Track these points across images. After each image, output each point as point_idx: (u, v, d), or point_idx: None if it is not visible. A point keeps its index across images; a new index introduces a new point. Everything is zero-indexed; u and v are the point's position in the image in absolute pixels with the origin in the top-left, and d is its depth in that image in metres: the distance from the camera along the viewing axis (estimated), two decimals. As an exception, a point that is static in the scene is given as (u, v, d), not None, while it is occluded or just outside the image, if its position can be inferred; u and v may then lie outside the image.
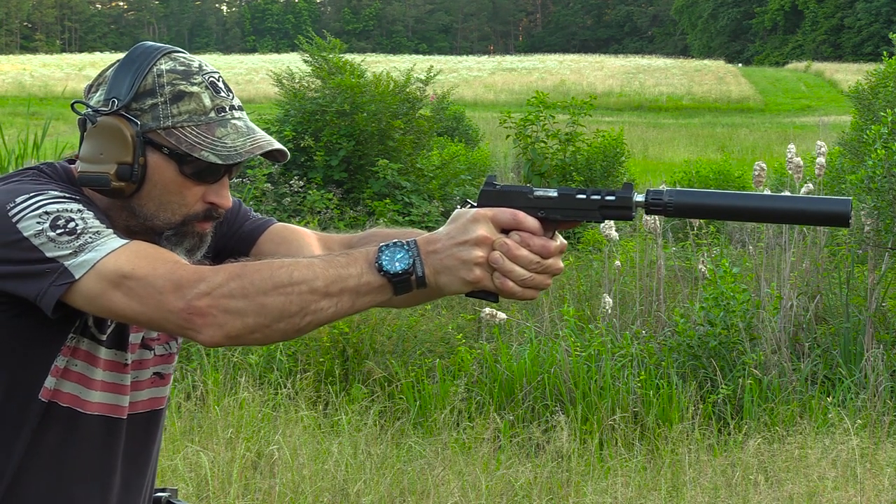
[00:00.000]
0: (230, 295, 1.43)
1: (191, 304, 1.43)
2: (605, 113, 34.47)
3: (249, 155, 1.61)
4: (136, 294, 1.46)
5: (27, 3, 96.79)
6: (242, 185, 10.31)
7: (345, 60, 12.00)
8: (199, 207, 1.64)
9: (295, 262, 1.46)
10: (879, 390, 5.66)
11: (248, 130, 1.64)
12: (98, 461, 1.67)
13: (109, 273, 1.47)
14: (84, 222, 1.50)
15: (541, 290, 1.48)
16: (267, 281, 1.43)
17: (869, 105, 10.78)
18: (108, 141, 1.58)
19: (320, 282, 1.44)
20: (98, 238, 1.49)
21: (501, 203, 1.49)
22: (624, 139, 12.59)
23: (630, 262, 7.62)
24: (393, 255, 1.45)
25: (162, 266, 1.47)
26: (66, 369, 1.61)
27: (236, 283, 1.43)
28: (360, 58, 13.42)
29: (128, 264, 1.47)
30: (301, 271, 1.44)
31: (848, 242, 7.03)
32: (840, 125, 19.64)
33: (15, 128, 13.42)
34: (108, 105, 1.59)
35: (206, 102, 1.61)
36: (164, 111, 1.60)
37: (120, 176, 1.58)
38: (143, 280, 1.46)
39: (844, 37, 70.90)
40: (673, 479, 4.75)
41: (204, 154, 1.59)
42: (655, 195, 1.47)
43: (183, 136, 1.59)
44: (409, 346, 6.21)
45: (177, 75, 1.61)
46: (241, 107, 1.66)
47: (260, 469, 4.64)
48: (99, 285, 1.47)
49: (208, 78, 1.64)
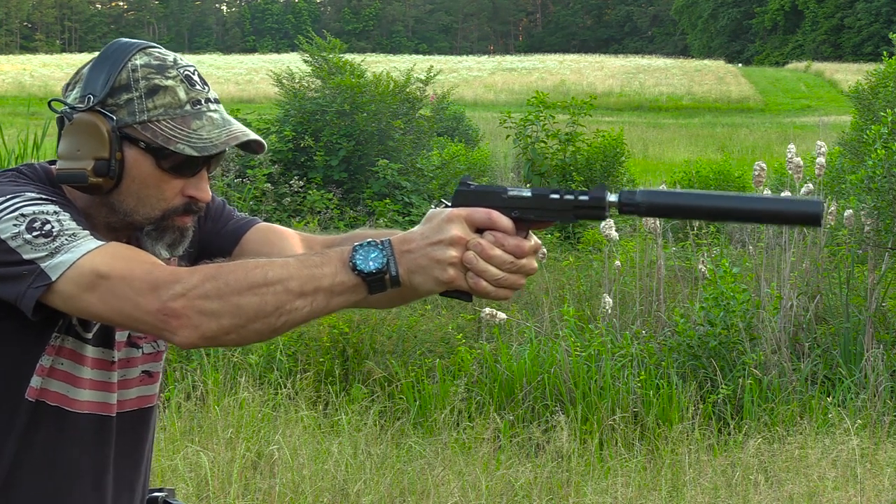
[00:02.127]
0: (205, 296, 1.43)
1: (166, 306, 1.43)
2: (605, 113, 34.46)
3: (225, 146, 1.61)
4: (112, 295, 1.46)
5: (27, 3, 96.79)
6: (242, 185, 10.31)
7: (345, 60, 12.00)
8: (179, 201, 1.64)
9: (270, 263, 1.46)
10: (879, 390, 5.66)
11: (224, 122, 1.64)
12: (90, 460, 1.67)
13: (86, 274, 1.47)
14: (60, 224, 1.51)
15: (514, 290, 1.48)
16: (242, 281, 1.43)
17: (869, 105, 10.79)
18: (84, 137, 1.59)
19: (295, 282, 1.44)
20: (74, 240, 1.49)
21: (476, 203, 1.49)
22: (624, 139, 12.59)
23: (630, 262, 7.62)
24: (367, 255, 1.45)
25: (138, 267, 1.47)
26: (51, 368, 1.62)
27: (211, 285, 1.43)
28: (360, 58, 13.43)
29: (104, 265, 1.47)
30: (276, 271, 1.44)
31: (848, 242, 7.03)
32: (840, 125, 19.64)
33: (15, 128, 13.42)
34: (84, 101, 1.60)
35: (182, 95, 1.61)
36: (139, 105, 1.60)
37: (97, 172, 1.58)
38: (119, 281, 1.46)
39: (844, 37, 70.88)
40: (673, 479, 4.75)
41: (180, 147, 1.59)
42: (628, 195, 1.47)
43: (159, 129, 1.59)
44: (409, 346, 6.21)
45: (151, 69, 1.61)
46: (217, 99, 1.66)
47: (260, 469, 4.64)
48: (75, 286, 1.47)
49: (183, 71, 1.63)
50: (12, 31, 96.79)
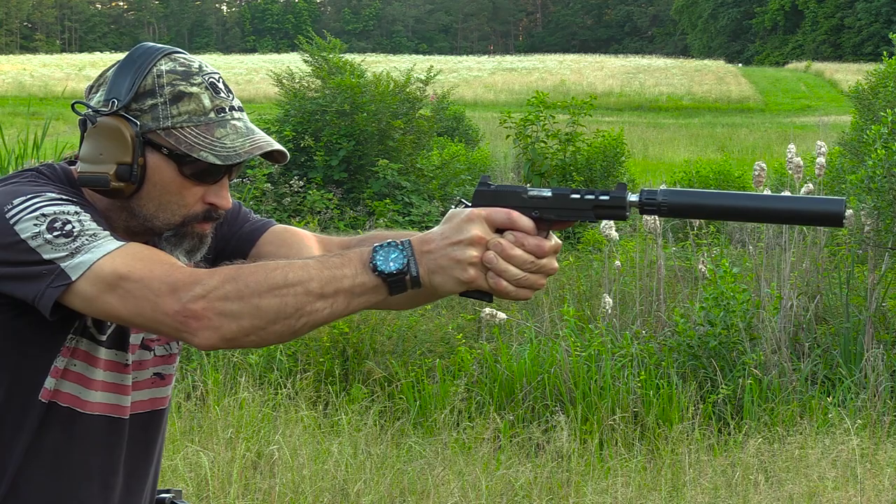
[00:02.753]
0: (225, 297, 1.43)
1: (186, 307, 1.43)
2: (605, 113, 34.46)
3: (249, 155, 1.61)
4: (132, 296, 1.46)
5: (27, 3, 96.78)
6: (242, 185, 10.31)
7: (345, 60, 12.00)
8: (199, 208, 1.64)
9: (289, 264, 1.46)
10: (879, 390, 5.66)
11: (248, 131, 1.64)
12: (99, 461, 1.67)
13: (106, 275, 1.47)
14: (81, 224, 1.50)
15: (535, 290, 1.48)
16: (262, 283, 1.43)
17: (869, 105, 10.78)
18: (107, 141, 1.58)
19: (315, 283, 1.44)
20: (95, 240, 1.49)
21: (496, 203, 1.49)
22: (624, 139, 12.59)
23: (630, 262, 7.62)
24: (387, 255, 1.45)
25: (158, 268, 1.47)
26: (65, 370, 1.62)
27: (231, 286, 1.43)
28: (360, 58, 13.43)
29: (124, 266, 1.47)
30: (296, 273, 1.44)
31: (848, 242, 7.03)
32: (840, 125, 19.64)
33: (15, 128, 13.42)
34: (108, 105, 1.59)
35: (206, 103, 1.61)
36: (163, 112, 1.59)
37: (119, 176, 1.58)
38: (139, 282, 1.46)
39: (844, 37, 70.87)
40: (673, 479, 4.75)
41: (203, 154, 1.59)
42: (649, 195, 1.47)
43: (182, 136, 1.59)
44: (409, 346, 6.21)
45: (177, 76, 1.61)
46: (241, 108, 1.66)
47: (260, 469, 4.64)
48: (95, 287, 1.47)
49: (208, 79, 1.63)
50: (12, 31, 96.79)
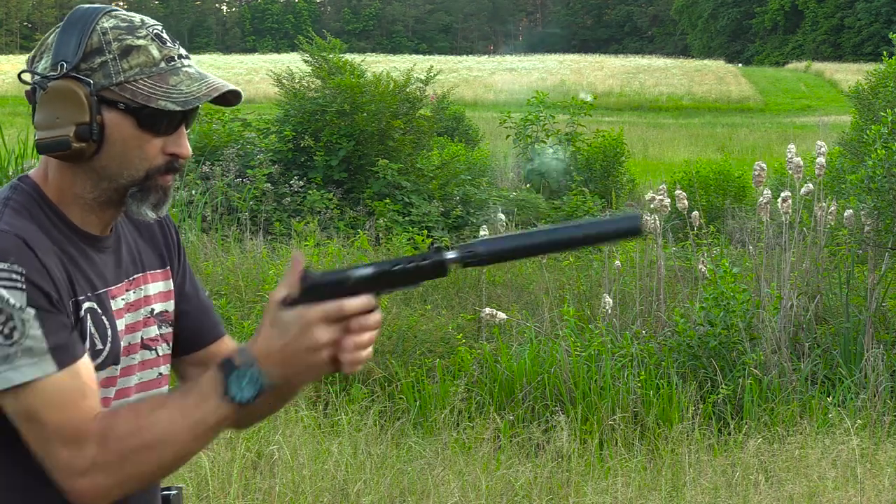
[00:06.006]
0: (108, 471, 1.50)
1: (73, 489, 1.51)
2: (605, 113, 34.46)
3: (207, 98, 1.62)
4: (36, 438, 1.52)
5: (27, 2, 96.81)
6: (242, 185, 10.31)
7: (345, 60, 11.99)
8: (161, 160, 1.64)
9: (157, 420, 1.51)
10: (879, 390, 5.66)
11: (200, 76, 1.64)
12: None
13: (23, 405, 1.51)
14: (23, 330, 1.50)
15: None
16: (141, 452, 1.50)
17: (869, 105, 10.79)
18: (62, 104, 1.58)
19: (187, 433, 1.51)
20: (27, 358, 1.50)
21: (323, 295, 1.50)
22: (624, 139, 12.60)
23: (630, 262, 7.62)
24: (240, 384, 1.50)
25: (63, 430, 1.51)
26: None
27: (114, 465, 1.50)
28: (360, 58, 13.42)
29: (38, 408, 1.51)
30: (164, 427, 1.51)
31: (848, 242, 7.03)
32: (840, 125, 19.64)
33: (15, 128, 13.42)
34: (57, 69, 1.59)
35: (155, 54, 1.62)
36: (114, 67, 1.59)
37: (79, 136, 1.58)
38: (45, 430, 1.51)
39: (844, 37, 70.89)
40: (673, 479, 4.75)
41: (161, 103, 1.59)
42: (468, 249, 1.52)
43: (137, 89, 1.59)
44: (409, 346, 6.21)
45: (122, 31, 1.62)
46: (189, 55, 1.68)
47: (260, 469, 4.64)
48: (11, 407, 1.52)
49: (152, 30, 1.64)
50: (12, 31, 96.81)
